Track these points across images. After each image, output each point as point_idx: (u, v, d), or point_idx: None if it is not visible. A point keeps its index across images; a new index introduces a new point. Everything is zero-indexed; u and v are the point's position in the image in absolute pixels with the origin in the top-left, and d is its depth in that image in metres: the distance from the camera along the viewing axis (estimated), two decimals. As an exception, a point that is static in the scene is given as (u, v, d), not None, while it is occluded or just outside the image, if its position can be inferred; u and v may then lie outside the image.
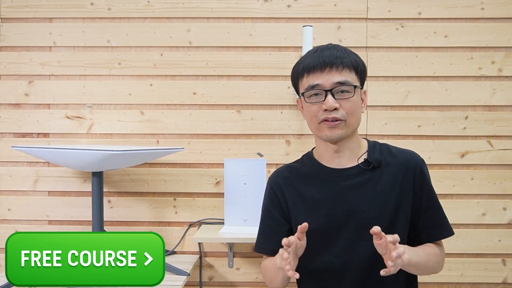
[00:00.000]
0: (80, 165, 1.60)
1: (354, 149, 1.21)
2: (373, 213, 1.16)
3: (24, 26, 1.96)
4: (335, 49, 1.16)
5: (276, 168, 1.35)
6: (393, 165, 1.19)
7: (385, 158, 1.20)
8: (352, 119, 1.15)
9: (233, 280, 1.93)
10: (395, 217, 1.17)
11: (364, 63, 1.19)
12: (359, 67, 1.17)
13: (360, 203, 1.17)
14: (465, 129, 1.91)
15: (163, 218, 1.94)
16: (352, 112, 1.15)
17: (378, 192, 1.17)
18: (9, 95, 1.95)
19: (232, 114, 1.93)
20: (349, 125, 1.15)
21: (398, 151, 1.23)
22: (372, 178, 1.18)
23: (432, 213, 1.20)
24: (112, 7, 1.95)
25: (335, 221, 1.19)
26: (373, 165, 1.18)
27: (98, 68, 1.95)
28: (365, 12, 1.93)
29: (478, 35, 1.91)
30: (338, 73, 1.13)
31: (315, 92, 1.15)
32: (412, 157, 1.22)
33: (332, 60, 1.14)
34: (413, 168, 1.19)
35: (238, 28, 1.94)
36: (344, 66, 1.14)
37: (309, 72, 1.16)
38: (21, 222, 1.95)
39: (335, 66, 1.13)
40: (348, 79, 1.14)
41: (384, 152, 1.22)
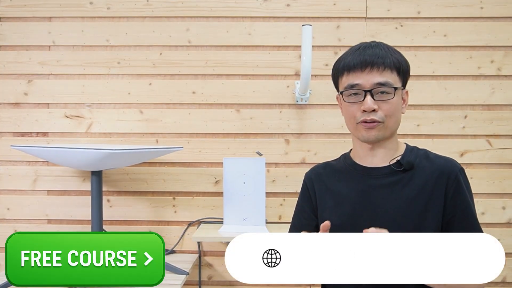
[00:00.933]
0: (79, 164, 1.60)
1: (390, 150, 1.17)
2: (397, 216, 1.12)
3: (23, 26, 1.96)
4: (378, 47, 1.14)
5: (313, 166, 1.34)
6: (427, 169, 1.14)
7: (420, 162, 1.16)
8: (390, 121, 1.12)
9: (232, 280, 1.92)
10: (422, 223, 1.11)
11: (407, 62, 1.15)
12: (402, 67, 1.13)
13: (385, 204, 1.14)
14: (464, 128, 1.91)
15: (162, 217, 1.94)
16: (391, 114, 1.12)
17: (406, 195, 1.13)
18: (8, 94, 1.95)
19: (231, 113, 1.93)
20: (387, 127, 1.12)
21: (436, 157, 1.18)
22: (401, 180, 1.14)
23: (467, 224, 1.12)
24: (111, 6, 1.95)
25: (358, 219, 1.16)
26: (404, 167, 1.14)
27: (97, 67, 1.95)
28: (364, 11, 1.93)
29: (477, 34, 1.91)
30: (379, 73, 1.11)
31: (354, 91, 1.13)
32: (449, 162, 1.15)
33: (374, 59, 1.11)
34: (447, 174, 1.12)
35: (237, 27, 1.94)
36: (385, 67, 1.11)
37: (349, 70, 1.13)
38: (20, 221, 1.95)
39: (377, 66, 1.10)
40: (389, 80, 1.10)
41: (420, 156, 1.17)
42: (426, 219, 1.11)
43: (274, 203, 1.92)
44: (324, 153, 1.91)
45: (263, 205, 1.76)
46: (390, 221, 1.11)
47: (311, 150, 1.92)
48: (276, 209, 1.92)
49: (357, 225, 1.13)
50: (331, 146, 1.91)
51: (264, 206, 1.76)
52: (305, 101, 1.91)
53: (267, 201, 1.86)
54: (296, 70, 1.93)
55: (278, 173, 1.92)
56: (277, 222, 1.92)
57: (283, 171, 1.93)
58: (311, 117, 1.92)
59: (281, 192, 1.92)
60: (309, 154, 1.92)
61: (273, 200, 1.92)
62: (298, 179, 1.90)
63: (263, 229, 1.74)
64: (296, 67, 1.92)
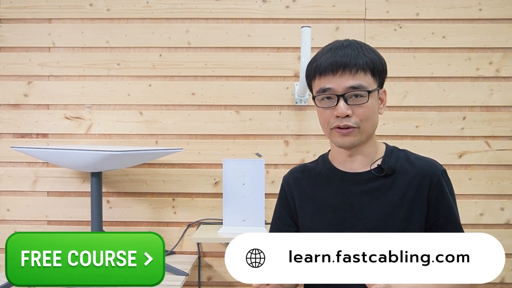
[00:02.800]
0: (79, 166, 1.60)
1: (369, 154, 1.13)
2: (379, 223, 1.09)
3: (23, 27, 1.96)
4: (350, 47, 1.06)
5: (291, 168, 1.31)
6: (409, 172, 1.10)
7: (401, 165, 1.11)
8: (366, 125, 1.07)
9: (231, 280, 1.93)
10: (406, 228, 1.08)
11: (382, 60, 1.09)
12: (376, 66, 1.06)
13: (368, 211, 1.10)
14: (463, 130, 1.92)
15: (162, 218, 1.94)
16: (366, 118, 1.06)
17: (388, 201, 1.09)
18: (8, 95, 1.96)
19: (231, 114, 1.94)
20: (363, 131, 1.07)
21: (417, 159, 1.14)
22: (383, 185, 1.10)
23: (450, 229, 1.08)
24: (111, 8, 1.95)
25: (341, 226, 1.12)
26: (386, 172, 1.10)
27: (97, 69, 1.95)
28: (363, 13, 1.94)
29: (475, 36, 1.92)
30: (351, 76, 1.04)
31: (326, 95, 1.07)
32: (431, 165, 1.12)
33: (346, 61, 1.04)
34: (429, 177, 1.08)
35: (237, 29, 1.94)
36: (358, 68, 1.04)
37: (320, 74, 1.07)
38: (20, 222, 1.95)
39: (349, 68, 1.04)
40: (362, 83, 1.04)
41: (401, 159, 1.13)
42: (410, 224, 1.08)
43: (273, 204, 1.91)
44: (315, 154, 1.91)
45: (263, 206, 1.76)
46: (373, 227, 1.08)
47: (310, 151, 1.92)
48: (276, 210, 1.92)
49: (344, 232, 1.10)
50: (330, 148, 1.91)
51: (264, 207, 1.76)
52: (304, 102, 1.91)
53: (266, 202, 1.86)
54: (295, 71, 1.93)
55: (278, 174, 1.93)
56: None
57: (283, 172, 1.91)
58: (310, 118, 1.92)
59: (281, 193, 1.93)
60: (308, 155, 1.92)
61: (272, 201, 1.90)
62: (297, 180, 1.91)
63: (262, 230, 1.74)
64: (295, 69, 1.93)
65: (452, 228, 1.09)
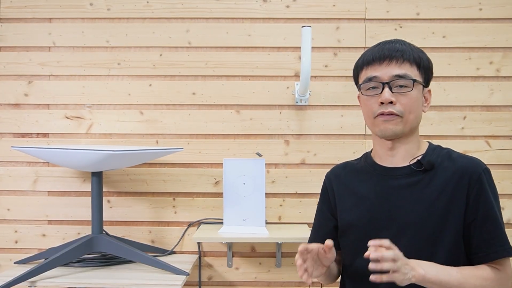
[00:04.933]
0: (79, 165, 1.60)
1: (410, 150, 1.14)
2: (416, 218, 1.09)
3: (24, 26, 1.96)
4: (398, 43, 1.12)
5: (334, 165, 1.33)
6: (449, 169, 1.09)
7: (442, 162, 1.11)
8: (409, 116, 1.09)
9: (232, 280, 1.93)
10: (443, 225, 1.07)
11: (429, 60, 1.13)
12: (423, 62, 1.10)
13: (404, 205, 1.10)
14: (463, 129, 1.92)
15: (162, 218, 1.94)
16: (410, 109, 1.08)
17: (426, 196, 1.09)
18: (8, 95, 1.96)
19: (231, 114, 1.94)
20: (406, 122, 1.09)
21: (459, 156, 1.13)
22: (422, 180, 1.10)
23: (489, 228, 1.06)
24: (112, 7, 1.95)
25: (377, 220, 1.14)
26: (425, 167, 1.10)
27: (97, 68, 1.95)
28: (363, 12, 1.93)
29: (476, 35, 1.92)
30: (397, 66, 1.08)
31: (372, 84, 1.11)
32: (472, 162, 1.10)
33: (392, 53, 1.09)
34: (469, 174, 1.07)
35: (237, 28, 1.94)
36: (404, 59, 1.08)
37: (368, 64, 1.12)
38: (20, 222, 1.95)
39: (395, 58, 1.08)
40: (408, 72, 1.08)
41: (442, 156, 1.13)
42: (447, 221, 1.07)
43: (274, 203, 1.93)
44: (324, 154, 1.92)
45: (263, 206, 1.76)
46: (409, 223, 1.09)
47: (310, 151, 1.92)
48: (276, 210, 1.92)
49: (375, 227, 1.13)
50: (331, 147, 1.91)
51: (264, 207, 1.76)
52: (304, 102, 1.91)
53: (267, 202, 1.86)
54: (295, 71, 1.93)
55: (278, 173, 1.93)
56: (277, 223, 1.92)
57: (283, 171, 1.93)
58: (310, 118, 1.92)
59: (281, 193, 1.93)
60: (308, 155, 1.92)
61: (273, 201, 1.92)
62: (298, 180, 1.92)
63: (263, 230, 1.74)
64: (296, 68, 1.93)
65: (491, 228, 1.06)
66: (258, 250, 1.93)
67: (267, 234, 1.72)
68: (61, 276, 1.59)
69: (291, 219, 1.92)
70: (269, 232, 1.73)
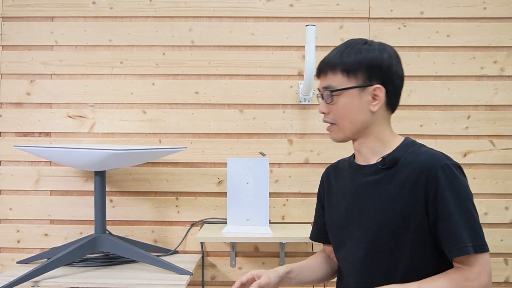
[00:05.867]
0: (83, 165, 1.60)
1: (375, 148, 1.16)
2: (379, 214, 1.11)
3: (26, 25, 1.95)
4: (336, 49, 1.16)
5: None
6: (411, 165, 1.08)
7: (406, 158, 1.10)
8: (343, 122, 1.14)
9: (235, 280, 1.91)
10: (404, 224, 1.07)
11: (360, 60, 1.11)
12: (348, 66, 1.11)
13: (371, 202, 1.13)
14: (467, 129, 1.91)
15: (165, 217, 1.94)
16: (342, 116, 1.14)
17: (388, 193, 1.10)
18: (10, 94, 1.95)
19: (235, 113, 1.93)
20: (343, 128, 1.15)
21: (424, 152, 1.10)
22: (384, 177, 1.12)
23: (447, 226, 1.02)
24: (114, 6, 1.94)
25: (351, 217, 1.18)
26: (387, 164, 1.11)
27: (100, 67, 1.95)
28: (367, 11, 1.93)
29: (480, 34, 1.91)
30: (325, 78, 1.16)
31: (318, 95, 1.21)
32: (433, 158, 1.07)
33: (321, 65, 1.17)
34: (427, 171, 1.05)
35: (241, 27, 1.94)
36: (330, 70, 1.14)
37: (316, 76, 1.23)
38: (22, 221, 1.94)
39: (323, 71, 1.16)
40: (331, 83, 1.14)
41: (410, 152, 1.11)
42: (409, 218, 1.06)
43: (277, 203, 1.92)
44: (327, 153, 1.91)
45: (267, 206, 1.75)
46: (374, 219, 1.12)
47: (314, 150, 1.92)
48: (279, 209, 1.92)
49: (350, 224, 1.19)
50: (334, 146, 1.90)
51: (268, 206, 1.76)
52: (308, 101, 1.91)
53: (270, 201, 1.86)
54: (299, 70, 1.92)
55: (281, 173, 1.92)
56: (281, 222, 1.91)
57: (286, 171, 1.92)
58: (314, 117, 1.92)
59: (284, 192, 1.92)
60: (312, 154, 1.92)
61: (276, 200, 1.92)
62: (301, 179, 1.92)
63: (266, 229, 1.73)
64: (299, 67, 1.92)
65: (449, 227, 1.02)
66: (261, 249, 1.92)
67: (271, 233, 1.71)
68: (64, 276, 1.58)
69: (295, 219, 1.92)
70: (273, 231, 1.73)
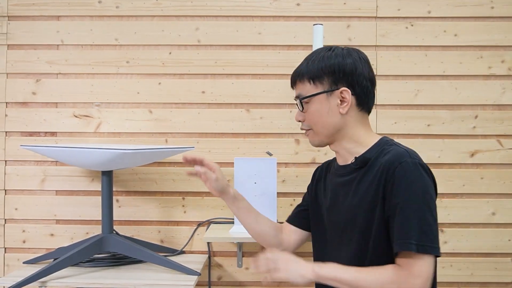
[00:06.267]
0: (91, 164, 1.59)
1: (351, 149, 1.20)
2: (352, 213, 1.15)
3: (31, 24, 1.94)
4: (305, 59, 1.22)
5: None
6: (378, 164, 1.11)
7: (377, 158, 1.13)
8: (316, 127, 1.20)
9: (242, 280, 1.92)
10: (371, 219, 1.10)
11: (322, 66, 1.16)
12: (313, 74, 1.17)
13: (345, 201, 1.18)
14: (475, 128, 1.90)
15: (172, 217, 1.93)
16: (314, 122, 1.20)
17: (359, 192, 1.14)
18: (16, 93, 1.94)
19: (241, 113, 1.92)
20: (317, 133, 1.21)
21: (391, 150, 1.12)
22: (356, 177, 1.17)
23: (398, 221, 1.03)
24: (120, 5, 1.93)
25: (331, 217, 1.25)
26: (358, 165, 1.16)
27: (106, 67, 1.94)
28: (374, 10, 1.92)
29: (488, 34, 1.91)
30: (296, 88, 1.24)
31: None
32: (395, 155, 1.09)
33: (292, 76, 1.24)
34: (387, 167, 1.08)
35: (247, 26, 1.93)
36: (297, 80, 1.21)
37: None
38: (28, 221, 1.93)
39: (294, 82, 1.24)
40: (301, 92, 1.21)
41: (381, 151, 1.14)
42: (374, 216, 1.10)
43: (284, 203, 1.91)
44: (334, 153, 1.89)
45: (275, 205, 1.75)
46: (347, 217, 1.17)
47: (321, 150, 1.91)
48: (286, 209, 1.90)
49: (330, 221, 1.25)
50: (341, 146, 1.90)
51: (276, 206, 1.75)
52: (315, 100, 1.90)
53: (277, 201, 1.84)
54: (306, 69, 1.91)
55: (288, 173, 1.91)
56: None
57: (293, 171, 1.92)
58: (321, 117, 1.91)
59: (291, 192, 1.91)
60: (319, 154, 1.91)
61: (283, 200, 1.91)
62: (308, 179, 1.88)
63: (274, 229, 1.72)
64: (306, 67, 1.91)
65: (399, 222, 1.03)
66: (268, 250, 1.91)
67: (279, 234, 1.70)
68: (71, 276, 1.58)
69: (302, 219, 1.91)
70: (281, 231, 1.72)
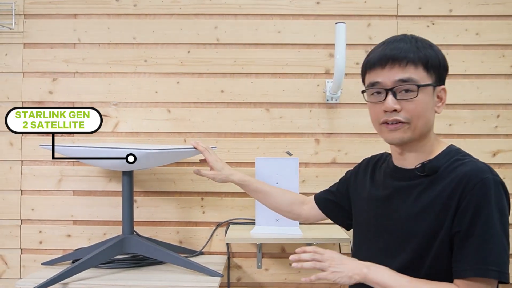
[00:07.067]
0: (113, 164, 1.56)
1: (422, 154, 1.08)
2: (408, 222, 1.06)
3: (48, 23, 1.92)
4: (404, 41, 1.04)
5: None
6: (450, 175, 1.01)
7: (447, 167, 1.04)
8: (417, 122, 1.03)
9: (261, 281, 1.90)
10: (435, 234, 1.01)
11: (439, 56, 1.05)
12: (430, 61, 1.02)
13: (401, 208, 1.08)
14: (497, 128, 1.88)
15: (190, 218, 1.91)
16: (418, 115, 1.02)
17: (421, 201, 1.04)
18: (32, 92, 1.92)
19: (261, 112, 1.90)
20: (415, 128, 1.03)
21: (468, 162, 1.03)
22: (420, 185, 1.06)
23: (472, 243, 0.96)
24: (138, 3, 1.91)
25: (379, 219, 1.14)
26: (426, 172, 1.05)
27: (123, 66, 1.91)
28: (395, 9, 1.90)
29: (510, 32, 1.89)
30: (401, 69, 1.01)
31: (376, 90, 1.06)
32: (473, 170, 0.99)
33: (395, 54, 1.01)
34: (466, 181, 0.98)
35: (267, 25, 1.91)
36: (408, 61, 1.01)
37: (370, 68, 1.07)
38: (45, 222, 1.91)
39: (398, 61, 1.01)
40: (412, 76, 1.01)
41: (452, 161, 1.05)
42: (437, 229, 1.01)
43: (304, 203, 1.89)
44: (355, 153, 1.88)
45: (297, 206, 1.72)
46: (402, 225, 1.07)
47: (341, 150, 1.89)
48: (306, 210, 1.89)
49: (378, 224, 1.15)
50: (362, 146, 1.88)
51: (298, 206, 1.72)
52: (335, 100, 1.88)
53: (298, 202, 1.82)
54: (326, 68, 1.90)
55: (308, 173, 1.89)
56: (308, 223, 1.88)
57: (313, 171, 1.90)
58: (341, 116, 1.89)
59: (312, 192, 1.86)
60: (339, 154, 1.89)
61: (303, 201, 1.89)
62: (328, 179, 1.87)
63: (296, 230, 1.70)
64: (326, 66, 1.89)
65: (475, 244, 0.95)
66: (288, 250, 1.89)
67: (301, 234, 1.69)
68: (92, 278, 1.55)
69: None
70: (302, 232, 1.70)
